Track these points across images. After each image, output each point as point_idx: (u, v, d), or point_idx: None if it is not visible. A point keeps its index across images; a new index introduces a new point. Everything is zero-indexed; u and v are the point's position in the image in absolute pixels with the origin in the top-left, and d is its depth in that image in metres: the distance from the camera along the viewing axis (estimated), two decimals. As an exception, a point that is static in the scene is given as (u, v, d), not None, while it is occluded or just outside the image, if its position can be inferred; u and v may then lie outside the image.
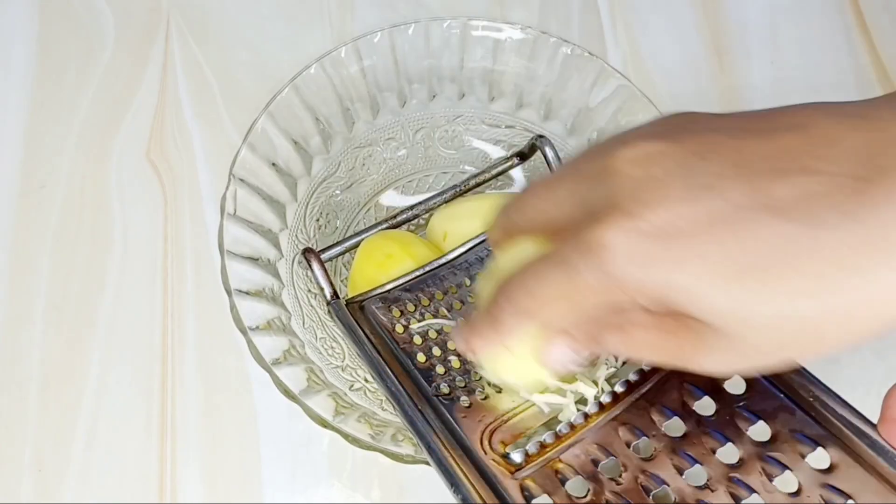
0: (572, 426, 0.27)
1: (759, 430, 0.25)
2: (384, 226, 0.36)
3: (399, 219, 0.38)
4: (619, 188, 0.22)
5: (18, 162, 0.47)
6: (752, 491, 0.24)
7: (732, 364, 0.23)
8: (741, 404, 0.25)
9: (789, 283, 0.20)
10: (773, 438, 0.24)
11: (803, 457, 0.23)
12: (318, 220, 0.41)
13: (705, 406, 0.26)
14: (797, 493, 0.23)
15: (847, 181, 0.20)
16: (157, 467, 0.39)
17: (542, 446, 0.26)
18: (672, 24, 0.52)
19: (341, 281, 0.40)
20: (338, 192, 0.43)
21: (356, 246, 0.34)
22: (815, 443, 0.23)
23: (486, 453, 0.26)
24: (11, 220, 0.45)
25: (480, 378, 0.29)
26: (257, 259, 0.37)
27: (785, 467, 0.23)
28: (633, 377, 0.28)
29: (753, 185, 0.21)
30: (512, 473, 0.25)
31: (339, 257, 0.38)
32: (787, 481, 0.24)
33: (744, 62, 0.51)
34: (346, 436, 0.32)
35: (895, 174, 0.20)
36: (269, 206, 0.39)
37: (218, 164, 0.47)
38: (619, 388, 0.27)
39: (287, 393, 0.33)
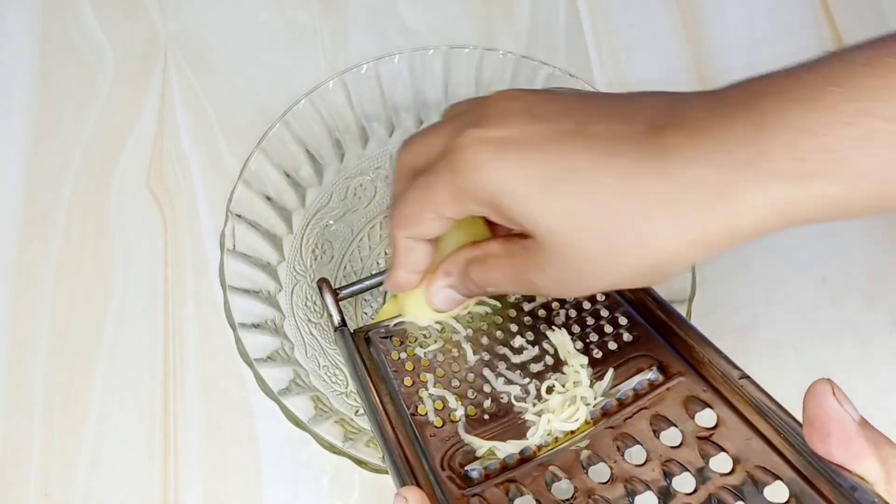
0: (539, 448, 0.28)
1: (719, 460, 0.26)
2: None
3: None
4: (480, 115, 0.29)
5: (21, 191, 0.48)
6: None
7: (560, 281, 0.28)
8: (708, 436, 0.27)
9: (580, 188, 0.26)
10: (733, 469, 0.25)
11: (760, 489, 0.24)
12: (314, 250, 0.43)
13: (671, 435, 0.27)
14: None
15: (645, 127, 0.26)
16: (160, 490, 0.40)
17: (505, 467, 0.27)
18: (656, 47, 0.53)
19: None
20: (332, 222, 0.44)
21: (373, 287, 0.37)
22: (775, 475, 0.24)
23: (442, 469, 0.27)
24: (14, 249, 0.47)
25: (459, 405, 0.30)
26: (258, 292, 0.39)
27: (737, 496, 0.24)
28: (605, 405, 0.29)
29: (578, 121, 0.27)
30: (463, 489, 0.27)
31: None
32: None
33: (725, 82, 0.52)
34: (355, 460, 0.33)
35: (677, 125, 0.25)
36: (267, 240, 0.40)
37: (216, 192, 0.48)
38: (588, 417, 0.29)
39: (297, 423, 0.34)
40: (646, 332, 0.31)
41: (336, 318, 0.34)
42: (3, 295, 0.45)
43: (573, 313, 0.33)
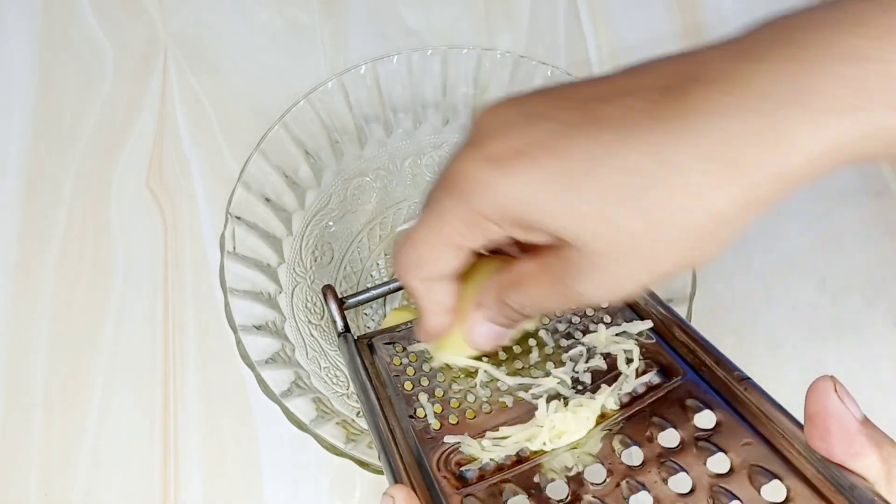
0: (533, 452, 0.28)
1: (717, 461, 0.26)
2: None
3: None
4: (474, 134, 0.26)
5: (21, 191, 0.49)
6: None
7: (603, 285, 0.25)
8: (707, 437, 0.26)
9: (605, 180, 0.23)
10: (731, 470, 0.25)
11: (758, 488, 0.24)
12: (313, 252, 0.43)
13: (669, 437, 0.27)
14: None
15: (656, 94, 0.23)
16: (160, 489, 0.40)
17: (499, 468, 0.27)
18: (656, 47, 0.53)
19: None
20: (331, 223, 0.44)
21: (377, 297, 0.37)
22: (774, 475, 0.24)
23: (438, 469, 0.27)
24: (14, 249, 0.47)
25: (459, 405, 0.30)
26: (258, 294, 0.38)
27: (734, 497, 0.24)
28: (609, 407, 0.29)
29: (582, 110, 0.24)
30: (457, 489, 0.27)
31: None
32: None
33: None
34: (357, 461, 0.33)
35: (695, 80, 0.22)
36: (267, 242, 0.40)
37: (216, 192, 0.48)
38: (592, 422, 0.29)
39: (299, 425, 0.34)
40: (647, 335, 0.31)
41: (339, 325, 0.34)
42: (3, 295, 0.45)
43: (576, 319, 0.33)
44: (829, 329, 0.44)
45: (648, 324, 0.31)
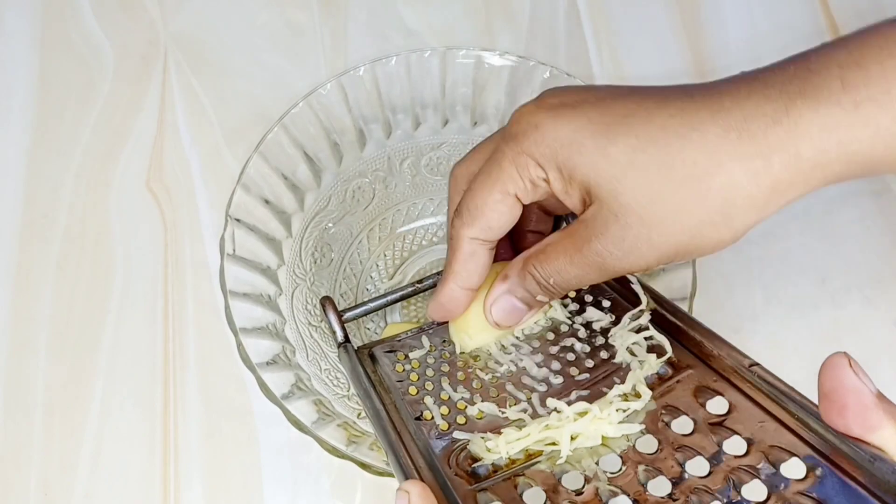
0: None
1: (733, 443, 0.26)
2: (408, 290, 0.38)
3: (421, 285, 0.39)
4: (536, 98, 0.31)
5: (21, 192, 0.48)
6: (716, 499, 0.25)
7: (624, 246, 0.28)
8: (720, 422, 0.26)
9: (637, 131, 0.27)
10: (748, 451, 0.25)
11: (776, 466, 0.24)
12: (313, 254, 0.43)
13: (682, 424, 0.27)
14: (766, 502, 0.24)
15: (692, 89, 0.28)
16: (160, 490, 0.40)
17: (512, 461, 0.27)
18: (656, 47, 0.53)
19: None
20: (330, 225, 0.44)
21: (377, 309, 0.37)
22: (791, 453, 0.24)
23: (450, 467, 0.27)
24: (14, 250, 0.47)
25: (465, 408, 0.30)
26: (259, 296, 0.38)
27: (753, 475, 0.24)
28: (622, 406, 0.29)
29: (630, 90, 0.29)
30: (471, 485, 0.27)
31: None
32: (754, 489, 0.24)
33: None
34: (359, 463, 0.33)
35: (724, 82, 0.28)
36: (266, 244, 0.40)
37: (216, 192, 0.48)
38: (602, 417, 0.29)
39: (300, 427, 0.34)
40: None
41: (339, 335, 0.34)
42: (3, 295, 0.45)
43: (584, 320, 0.33)
44: (829, 329, 0.44)
45: (642, 307, 0.32)
